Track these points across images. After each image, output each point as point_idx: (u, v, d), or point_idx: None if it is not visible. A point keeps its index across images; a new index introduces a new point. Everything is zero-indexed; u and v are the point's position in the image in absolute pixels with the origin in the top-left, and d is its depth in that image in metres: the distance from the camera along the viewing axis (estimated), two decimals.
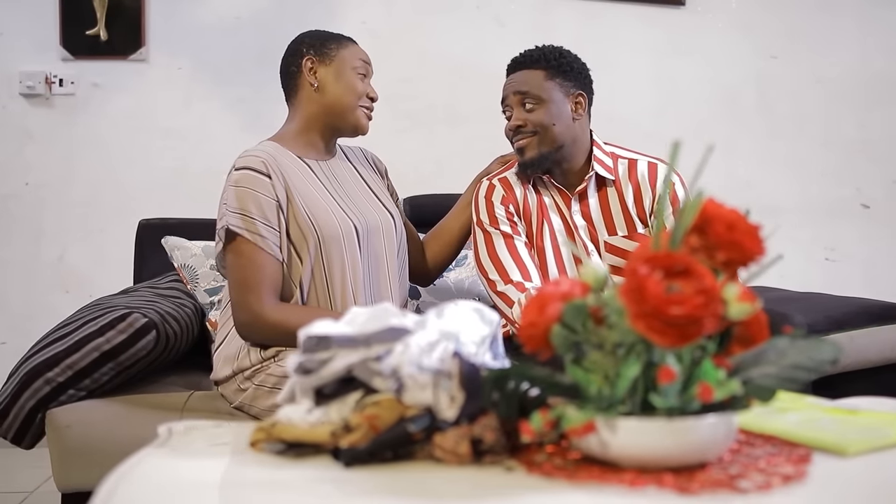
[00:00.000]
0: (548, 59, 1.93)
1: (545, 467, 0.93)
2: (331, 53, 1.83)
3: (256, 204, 1.67)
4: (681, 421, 0.90)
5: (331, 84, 1.82)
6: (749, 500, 0.84)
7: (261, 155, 1.72)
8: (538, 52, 1.95)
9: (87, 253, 2.97)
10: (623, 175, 1.97)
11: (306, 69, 1.83)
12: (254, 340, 1.71)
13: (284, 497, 0.91)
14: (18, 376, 1.67)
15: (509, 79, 1.97)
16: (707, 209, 0.93)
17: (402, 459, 0.98)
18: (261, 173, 1.69)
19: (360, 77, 1.84)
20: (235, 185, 1.69)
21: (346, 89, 1.82)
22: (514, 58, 1.99)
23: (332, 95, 1.82)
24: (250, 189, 1.68)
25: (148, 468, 0.97)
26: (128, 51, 2.92)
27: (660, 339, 0.88)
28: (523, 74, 1.94)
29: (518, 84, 1.93)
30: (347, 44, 1.86)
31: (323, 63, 1.83)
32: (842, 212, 3.14)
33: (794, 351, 0.96)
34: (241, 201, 1.67)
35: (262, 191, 1.68)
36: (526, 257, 1.91)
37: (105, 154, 2.97)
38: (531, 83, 1.92)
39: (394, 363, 0.99)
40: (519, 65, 1.96)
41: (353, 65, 1.83)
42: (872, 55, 3.17)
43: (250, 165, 1.70)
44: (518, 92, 1.92)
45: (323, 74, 1.82)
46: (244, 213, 1.67)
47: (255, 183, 1.68)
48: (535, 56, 1.94)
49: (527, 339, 0.98)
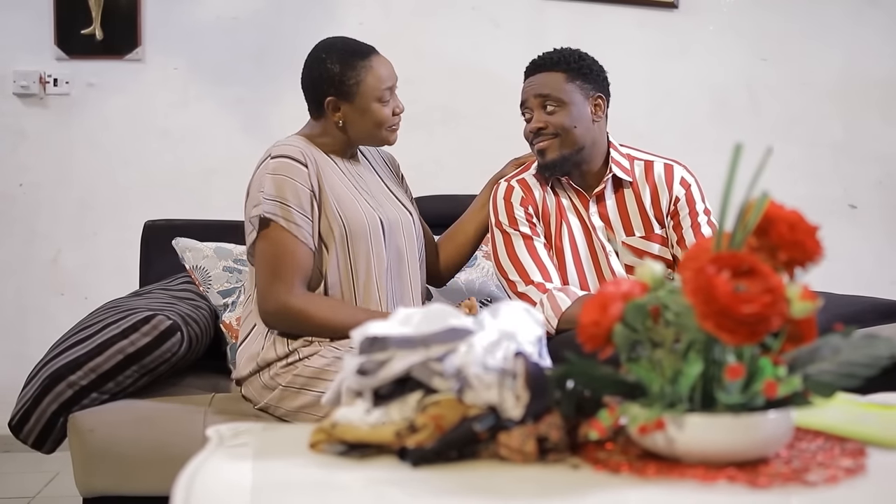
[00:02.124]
0: (567, 62, 1.94)
1: (611, 464, 0.95)
2: (352, 90, 1.77)
3: (293, 192, 1.68)
4: (747, 417, 0.92)
5: (355, 122, 1.79)
6: (818, 493, 0.87)
7: (297, 145, 1.73)
8: (557, 54, 1.96)
9: (81, 255, 2.93)
10: (640, 176, 1.99)
11: (329, 109, 1.79)
12: (279, 329, 1.71)
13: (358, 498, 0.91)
14: (39, 380, 1.65)
15: (528, 81, 1.98)
16: (769, 210, 0.96)
17: (467, 459, 0.99)
18: (298, 162, 1.70)
19: (385, 103, 1.79)
20: (273, 173, 1.69)
21: (371, 125, 1.80)
22: (532, 60, 1.99)
23: (359, 130, 1.81)
24: (288, 177, 1.69)
25: (214, 471, 0.97)
26: (123, 50, 2.90)
27: (729, 337, 0.90)
28: (543, 77, 1.94)
29: (539, 87, 1.94)
30: (368, 70, 1.78)
31: (345, 101, 1.78)
32: (829, 212, 3.19)
33: (848, 348, 0.99)
34: (278, 189, 1.68)
35: (299, 179, 1.69)
36: (546, 258, 1.93)
37: (100, 155, 2.94)
38: (552, 85, 1.93)
39: (458, 363, 1.01)
40: (538, 67, 1.96)
41: (377, 95, 1.78)
42: (858, 58, 3.23)
43: (288, 154, 1.71)
44: (539, 95, 1.93)
45: (347, 112, 1.79)
46: (281, 200, 1.68)
47: (293, 171, 1.69)
48: (555, 59, 1.95)
49: (588, 338, 1.00)
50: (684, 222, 1.95)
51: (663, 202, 1.97)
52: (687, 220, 1.95)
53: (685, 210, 1.96)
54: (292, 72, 3.11)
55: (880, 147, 3.25)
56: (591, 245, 1.97)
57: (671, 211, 1.97)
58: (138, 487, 1.65)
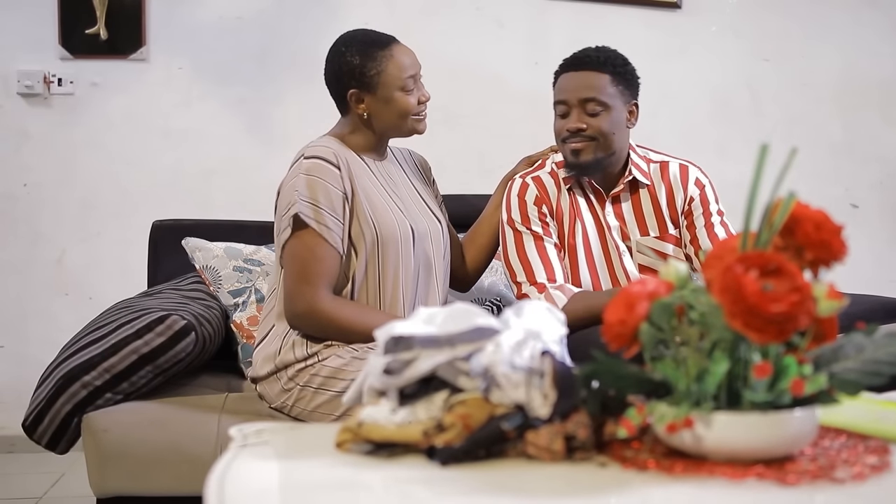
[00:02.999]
0: (614, 64, 1.91)
1: (639, 462, 0.96)
2: (374, 81, 1.76)
3: (326, 194, 1.68)
4: (774, 415, 0.93)
5: (380, 113, 1.79)
6: (847, 490, 0.88)
7: (330, 146, 1.73)
8: (602, 54, 1.92)
9: (85, 255, 2.93)
10: (655, 177, 2.00)
11: (353, 102, 1.79)
12: (304, 331, 1.71)
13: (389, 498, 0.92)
14: (53, 380, 1.65)
15: (570, 77, 1.91)
16: (795, 210, 0.96)
17: (495, 458, 0.99)
18: (331, 163, 1.70)
19: (409, 92, 1.78)
20: (307, 174, 1.69)
21: (396, 115, 1.79)
22: (575, 55, 1.94)
23: (384, 122, 1.80)
24: (321, 179, 1.69)
25: (244, 471, 0.98)
26: (128, 50, 2.90)
27: (757, 336, 0.91)
28: (589, 77, 1.89)
29: (584, 88, 1.89)
30: (389, 60, 1.77)
31: (368, 92, 1.77)
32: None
33: (872, 346, 1.00)
34: (311, 190, 1.68)
35: (332, 181, 1.69)
36: (554, 258, 1.92)
37: (104, 155, 2.94)
38: (598, 87, 1.88)
39: (485, 362, 1.01)
40: (583, 64, 1.91)
41: (400, 84, 1.77)
42: (857, 59, 3.25)
43: (321, 155, 1.71)
44: (584, 98, 1.88)
45: (370, 104, 1.78)
46: (313, 202, 1.68)
47: (326, 173, 1.69)
48: (602, 58, 1.91)
49: (614, 336, 1.01)
50: (698, 222, 1.96)
51: (678, 201, 1.97)
52: (701, 220, 1.96)
53: (699, 210, 1.96)
54: (295, 72, 3.16)
55: (880, 147, 3.27)
56: (604, 244, 1.97)
57: (685, 211, 1.97)
58: (153, 487, 1.66)
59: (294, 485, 0.94)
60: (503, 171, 3.20)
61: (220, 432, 1.68)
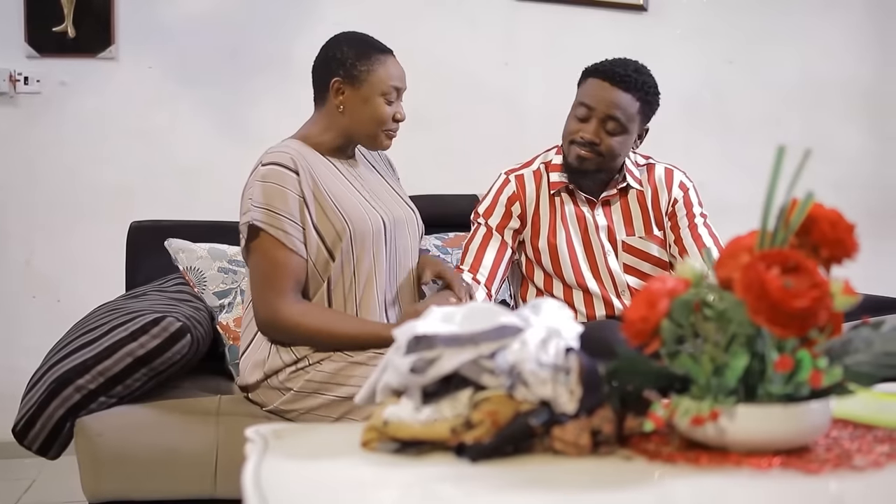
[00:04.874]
0: (646, 91, 1.93)
1: (666, 455, 0.99)
2: (361, 77, 1.77)
3: (282, 200, 1.67)
4: (795, 407, 0.97)
5: (356, 110, 1.78)
6: (867, 477, 0.92)
7: (289, 151, 1.72)
8: (641, 77, 1.93)
9: (55, 257, 2.88)
10: (643, 179, 2.07)
11: (333, 89, 1.78)
12: (273, 338, 1.71)
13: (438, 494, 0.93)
14: (44, 384, 1.63)
15: (603, 86, 1.92)
16: (811, 210, 1.00)
17: (522, 453, 1.01)
18: (288, 169, 1.69)
19: (388, 103, 1.79)
20: (263, 181, 1.68)
21: (369, 118, 1.78)
22: (614, 66, 1.93)
23: (355, 121, 1.79)
24: (277, 185, 1.68)
25: (278, 472, 0.98)
26: (96, 49, 2.85)
27: (780, 330, 0.94)
28: (621, 96, 1.91)
29: (613, 105, 1.90)
30: (381, 64, 1.79)
31: (351, 86, 1.77)
32: None
33: (880, 340, 1.04)
34: (266, 196, 1.67)
35: (289, 187, 1.68)
36: (489, 255, 2.00)
37: (73, 155, 2.88)
38: (625, 109, 1.91)
39: (512, 360, 1.03)
40: (621, 81, 1.91)
41: (383, 90, 1.78)
42: (815, 61, 3.35)
43: (278, 161, 1.70)
44: (609, 116, 1.91)
45: (349, 97, 1.78)
46: (269, 208, 1.67)
47: (283, 179, 1.68)
48: (639, 83, 1.92)
49: (636, 333, 1.04)
50: (681, 223, 2.03)
51: (662, 202, 2.04)
52: (684, 221, 2.03)
53: (682, 212, 2.04)
54: (268, 71, 3.14)
55: (837, 148, 3.37)
56: (587, 244, 2.03)
57: (669, 212, 2.04)
58: (149, 492, 1.64)
59: (333, 483, 0.95)
60: (474, 170, 3.22)
61: (218, 435, 1.67)
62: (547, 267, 2.03)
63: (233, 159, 3.03)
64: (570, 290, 2.02)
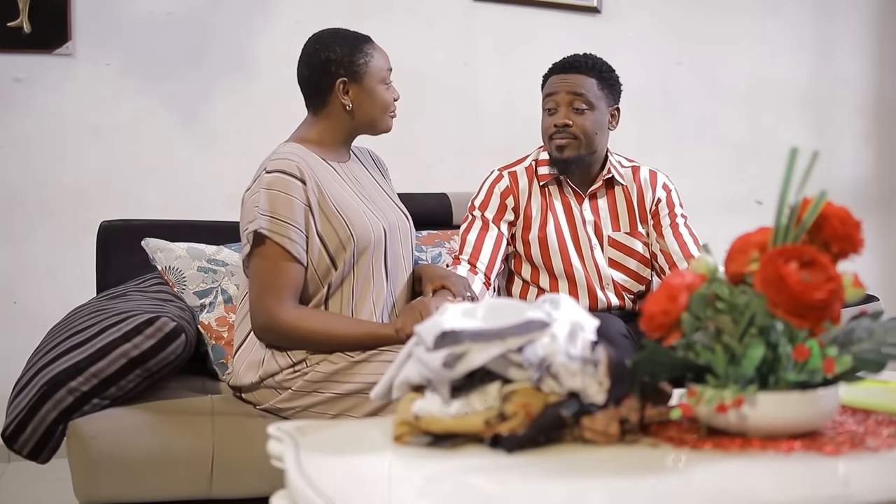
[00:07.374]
0: (600, 70, 2.07)
1: (692, 441, 1.04)
2: (361, 70, 1.79)
3: (288, 208, 1.68)
4: (812, 393, 1.03)
5: (365, 105, 1.80)
6: (882, 456, 0.98)
7: (294, 158, 1.72)
8: (590, 60, 2.07)
9: (10, 258, 2.80)
10: (629, 178, 2.16)
11: (340, 91, 1.78)
12: (269, 343, 1.72)
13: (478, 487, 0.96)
14: (35, 387, 1.59)
15: (561, 77, 2.06)
16: (823, 207, 1.07)
17: (552, 443, 1.05)
18: (294, 177, 1.69)
19: (387, 87, 1.83)
20: (268, 188, 1.68)
21: (379, 108, 1.81)
22: (565, 59, 2.10)
23: (367, 115, 1.81)
24: (283, 192, 1.68)
25: (320, 469, 0.99)
26: (52, 44, 2.78)
27: (799, 321, 1.00)
28: (579, 78, 2.05)
29: (574, 85, 2.04)
30: (372, 52, 1.82)
31: (355, 82, 1.79)
32: (738, 208, 3.43)
33: (881, 329, 1.11)
34: (272, 204, 1.67)
35: (295, 195, 1.68)
36: (488, 245, 2.06)
37: (29, 153, 2.80)
38: (587, 87, 2.04)
39: (542, 353, 1.07)
40: (573, 67, 2.06)
41: (381, 77, 1.81)
42: (761, 63, 3.48)
43: (284, 169, 1.70)
44: (573, 92, 2.03)
45: (356, 95, 1.79)
46: (275, 216, 1.67)
47: (289, 187, 1.69)
48: (589, 64, 2.06)
49: (657, 326, 1.08)
50: (664, 221, 2.13)
51: (647, 201, 2.14)
52: (667, 220, 2.13)
53: (665, 211, 2.14)
54: (229, 69, 3.11)
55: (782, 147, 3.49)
56: (575, 238, 2.10)
57: (653, 211, 2.14)
58: (143, 494, 1.62)
59: (375, 474, 0.98)
60: (432, 170, 3.27)
61: (213, 434, 1.66)
62: (536, 258, 2.10)
63: (192, 158, 3.01)
64: (556, 280, 2.09)
